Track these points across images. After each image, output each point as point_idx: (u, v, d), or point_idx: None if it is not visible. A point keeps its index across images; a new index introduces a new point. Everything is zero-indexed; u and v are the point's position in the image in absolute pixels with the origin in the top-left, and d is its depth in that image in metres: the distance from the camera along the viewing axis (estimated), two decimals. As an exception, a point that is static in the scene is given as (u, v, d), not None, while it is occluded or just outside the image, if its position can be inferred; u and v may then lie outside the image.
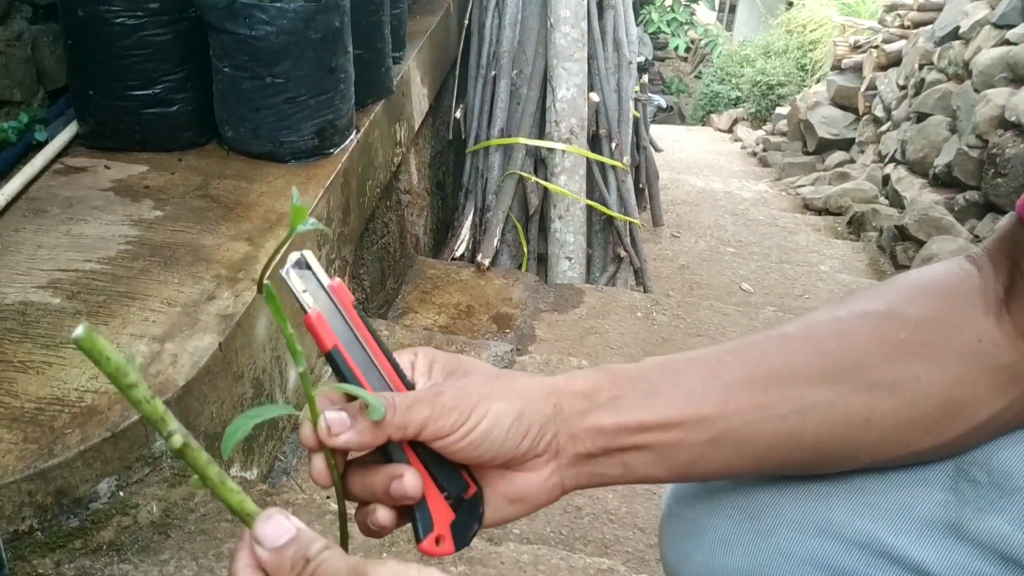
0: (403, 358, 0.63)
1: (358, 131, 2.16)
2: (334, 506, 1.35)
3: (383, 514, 0.58)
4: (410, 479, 0.56)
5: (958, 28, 4.93)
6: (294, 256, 0.58)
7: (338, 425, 0.56)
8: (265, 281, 0.55)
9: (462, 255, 3.10)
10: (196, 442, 0.48)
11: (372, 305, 2.46)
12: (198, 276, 1.63)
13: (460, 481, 0.60)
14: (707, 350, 0.63)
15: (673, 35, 12.73)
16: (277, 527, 0.48)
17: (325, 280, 0.59)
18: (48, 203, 1.81)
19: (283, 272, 0.57)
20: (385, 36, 2.27)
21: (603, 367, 0.64)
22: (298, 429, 0.59)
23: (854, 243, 4.37)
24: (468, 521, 0.60)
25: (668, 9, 12.24)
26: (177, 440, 0.47)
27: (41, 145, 1.96)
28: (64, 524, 1.26)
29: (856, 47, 6.94)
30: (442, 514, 0.59)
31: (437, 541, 0.58)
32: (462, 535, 0.59)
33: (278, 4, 1.83)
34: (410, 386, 0.61)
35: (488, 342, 2.43)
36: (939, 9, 5.48)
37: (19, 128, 1.94)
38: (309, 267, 0.58)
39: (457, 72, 3.30)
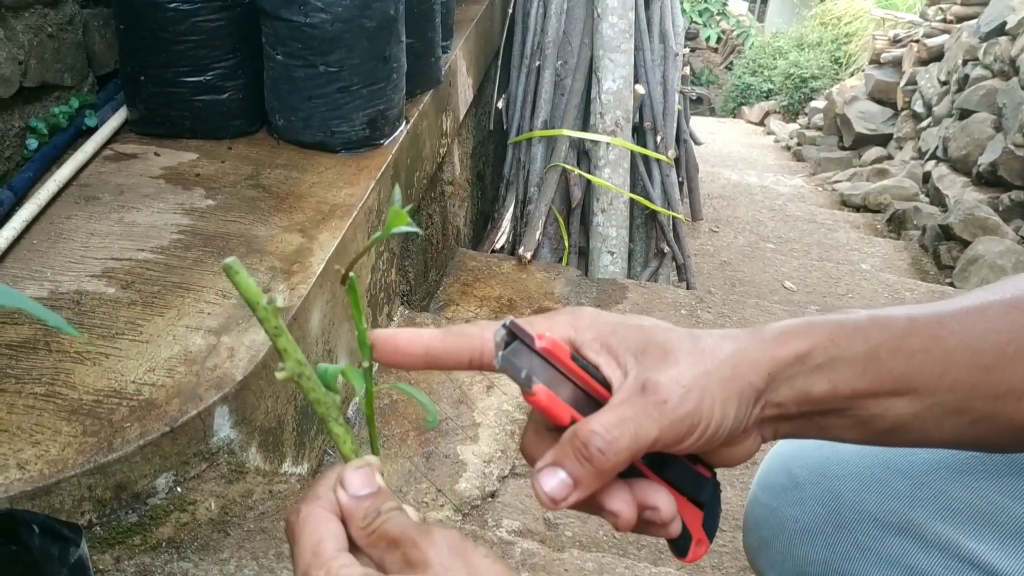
0: (558, 326, 0.56)
1: (408, 121, 2.13)
2: (414, 514, 1.32)
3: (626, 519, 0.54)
4: (665, 506, 0.54)
5: (1004, 24, 4.83)
6: (500, 333, 0.54)
7: (561, 489, 0.51)
8: (350, 273, 0.55)
9: (502, 247, 3.07)
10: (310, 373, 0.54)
11: (415, 297, 2.43)
12: (252, 268, 1.61)
13: (695, 476, 0.57)
14: (927, 309, 0.57)
15: (705, 25, 12.61)
16: (364, 478, 0.50)
17: (535, 341, 0.54)
18: (99, 190, 1.79)
19: (498, 362, 0.53)
20: (436, 25, 2.23)
21: (817, 318, 0.57)
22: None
23: (895, 241, 4.30)
24: (714, 510, 0.57)
25: (701, -1, 12.13)
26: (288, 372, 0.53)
27: (91, 131, 1.94)
28: (123, 519, 1.24)
29: (895, 41, 6.83)
30: (693, 518, 0.56)
31: (697, 545, 0.57)
32: (712, 526, 0.57)
33: (334, -9, 1.80)
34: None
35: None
36: (984, 4, 5.37)
37: (69, 113, 1.92)
38: (515, 335, 0.54)
39: (500, 61, 3.26)
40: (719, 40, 13.24)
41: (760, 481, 0.80)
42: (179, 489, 1.30)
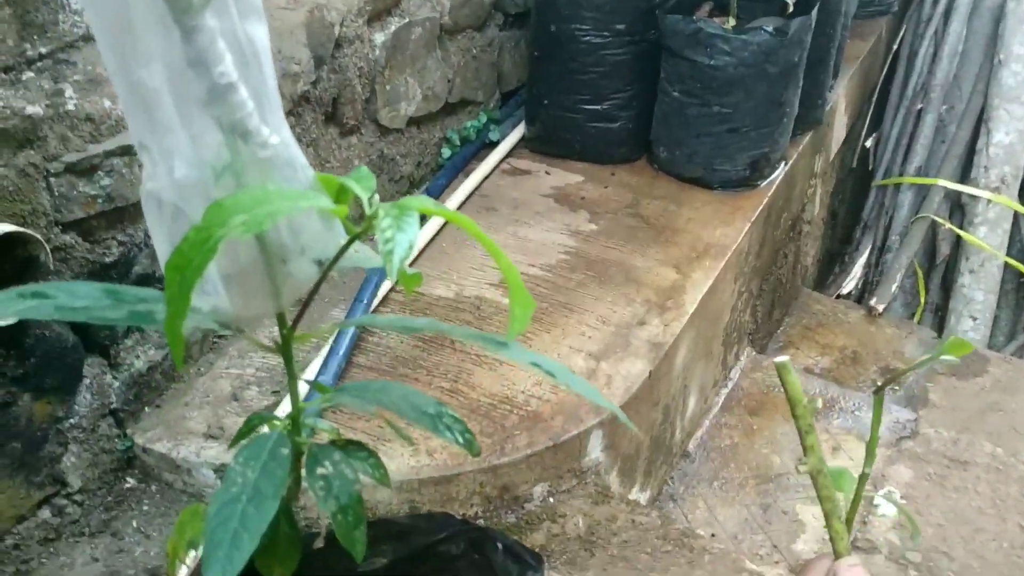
0: None
1: (786, 163, 2.11)
2: (749, 565, 1.34)
3: None
4: None
5: None
6: None
7: None
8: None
9: (849, 293, 2.95)
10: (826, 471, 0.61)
11: (758, 336, 2.41)
12: (629, 298, 1.69)
13: None
14: None
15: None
16: None
17: None
18: (497, 202, 1.97)
19: None
20: (829, 67, 2.19)
21: None
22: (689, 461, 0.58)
23: None
24: None
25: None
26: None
27: (493, 144, 2.13)
28: (503, 518, 1.37)
29: None
30: None
31: None
32: None
33: (743, 36, 1.83)
34: None
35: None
36: None
37: (478, 127, 2.13)
38: None
39: (874, 99, 3.11)
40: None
41: None
42: (551, 500, 1.41)
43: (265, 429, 0.61)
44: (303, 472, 0.58)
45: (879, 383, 2.45)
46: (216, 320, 0.54)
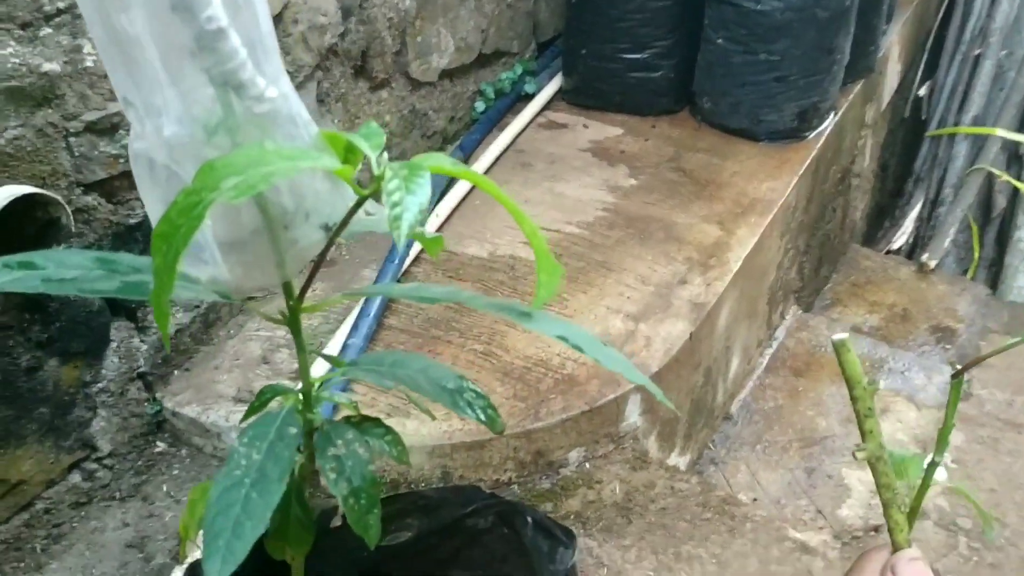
0: None
1: (835, 113, 2.02)
2: (792, 532, 1.30)
3: None
4: None
5: None
6: None
7: None
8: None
9: (899, 248, 2.84)
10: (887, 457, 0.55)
11: (804, 293, 2.34)
12: (670, 256, 1.63)
13: None
14: None
15: None
16: (917, 571, 0.52)
17: None
18: (533, 157, 1.91)
19: None
20: (881, 11, 2.07)
21: None
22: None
23: None
24: None
25: None
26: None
27: (528, 97, 2.06)
28: (538, 484, 1.34)
29: None
30: None
31: None
32: None
33: (792, -21, 1.73)
34: None
35: (924, 358, 2.20)
36: None
37: (513, 79, 2.06)
38: None
39: (928, 45, 2.96)
40: None
41: None
42: (587, 465, 1.37)
43: (278, 403, 0.57)
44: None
45: (931, 343, 2.36)
46: (216, 291, 0.49)
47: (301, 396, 0.54)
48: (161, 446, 1.34)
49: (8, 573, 1.17)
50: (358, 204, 0.45)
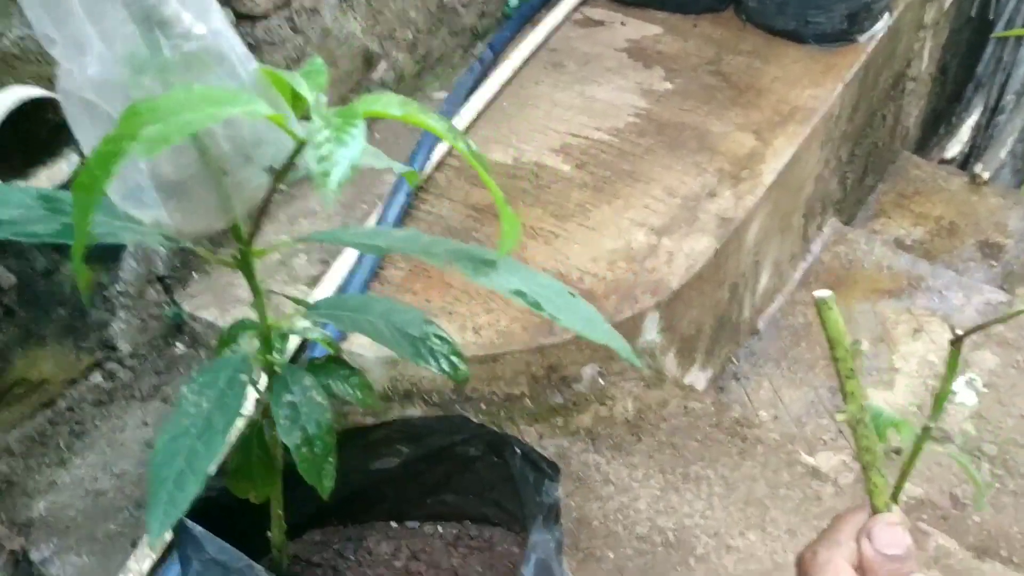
0: None
1: (890, 14, 1.89)
2: (803, 457, 1.28)
3: None
4: None
5: None
6: None
7: None
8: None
9: (952, 158, 2.72)
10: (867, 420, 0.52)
11: (846, 203, 2.25)
12: (701, 166, 1.57)
13: None
14: None
15: None
16: (895, 537, 0.49)
17: None
18: (566, 56, 1.83)
19: None
20: (951, -99, 1.91)
21: None
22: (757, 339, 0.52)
23: None
24: None
25: None
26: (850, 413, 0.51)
27: (565, -9, 1.97)
28: (549, 398, 1.33)
29: None
30: None
31: None
32: None
33: None
34: None
35: (967, 276, 2.12)
36: None
37: (549, -28, 1.96)
38: None
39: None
40: None
41: None
42: (601, 382, 1.36)
43: (246, 342, 0.56)
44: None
45: (976, 259, 2.28)
46: (161, 233, 0.48)
47: (261, 338, 0.53)
48: (180, 347, 1.36)
49: (34, 467, 1.22)
50: (298, 150, 0.42)
